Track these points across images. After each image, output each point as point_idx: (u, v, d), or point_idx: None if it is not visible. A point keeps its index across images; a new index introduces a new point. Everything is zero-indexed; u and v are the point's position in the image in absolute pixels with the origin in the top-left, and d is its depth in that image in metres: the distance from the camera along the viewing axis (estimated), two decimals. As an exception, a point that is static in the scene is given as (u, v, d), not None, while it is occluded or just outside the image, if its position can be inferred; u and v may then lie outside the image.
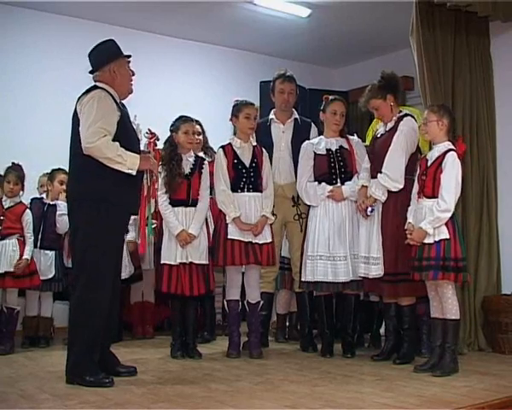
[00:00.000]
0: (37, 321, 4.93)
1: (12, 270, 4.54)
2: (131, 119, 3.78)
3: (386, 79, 4.10)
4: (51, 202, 4.96)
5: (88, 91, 3.53)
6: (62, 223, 4.82)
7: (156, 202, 4.20)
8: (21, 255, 4.61)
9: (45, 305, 4.96)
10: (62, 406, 3.01)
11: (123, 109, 3.64)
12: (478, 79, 4.78)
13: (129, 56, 3.71)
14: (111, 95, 3.56)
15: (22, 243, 4.67)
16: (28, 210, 4.76)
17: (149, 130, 4.00)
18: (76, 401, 3.07)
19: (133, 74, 3.73)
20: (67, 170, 3.79)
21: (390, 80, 4.12)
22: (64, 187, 4.66)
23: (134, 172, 3.46)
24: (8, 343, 4.56)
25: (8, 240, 4.62)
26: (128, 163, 3.43)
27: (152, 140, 3.94)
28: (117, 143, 3.44)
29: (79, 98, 3.55)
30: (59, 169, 4.91)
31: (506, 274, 4.70)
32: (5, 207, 4.67)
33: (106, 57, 3.63)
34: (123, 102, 3.74)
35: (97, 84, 3.60)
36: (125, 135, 3.54)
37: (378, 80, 4.12)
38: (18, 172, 4.71)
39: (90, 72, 3.68)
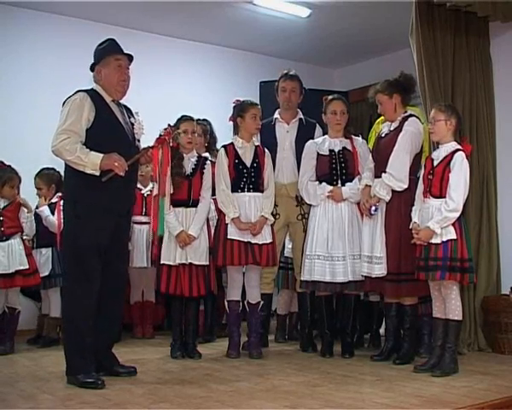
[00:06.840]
0: (44, 320, 4.97)
1: (22, 268, 4.56)
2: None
3: (399, 79, 4.11)
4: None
5: (71, 96, 3.56)
6: (50, 224, 4.88)
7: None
8: (27, 254, 4.63)
9: (53, 304, 4.94)
10: (62, 406, 3.01)
11: (108, 109, 3.60)
12: (477, 79, 4.78)
13: (119, 55, 3.64)
14: (100, 95, 3.57)
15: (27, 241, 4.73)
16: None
17: (169, 125, 3.96)
18: (76, 401, 3.08)
19: (127, 76, 3.69)
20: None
21: (403, 81, 4.12)
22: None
23: (97, 173, 3.42)
24: (9, 343, 4.56)
25: (13, 239, 4.62)
26: (89, 164, 3.42)
27: (164, 135, 3.87)
28: (78, 145, 3.42)
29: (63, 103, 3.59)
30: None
31: (506, 274, 4.70)
32: (1, 207, 4.65)
33: (96, 58, 3.68)
34: (121, 101, 3.72)
35: (93, 85, 3.65)
36: (106, 133, 3.51)
37: (394, 77, 4.12)
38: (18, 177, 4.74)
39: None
